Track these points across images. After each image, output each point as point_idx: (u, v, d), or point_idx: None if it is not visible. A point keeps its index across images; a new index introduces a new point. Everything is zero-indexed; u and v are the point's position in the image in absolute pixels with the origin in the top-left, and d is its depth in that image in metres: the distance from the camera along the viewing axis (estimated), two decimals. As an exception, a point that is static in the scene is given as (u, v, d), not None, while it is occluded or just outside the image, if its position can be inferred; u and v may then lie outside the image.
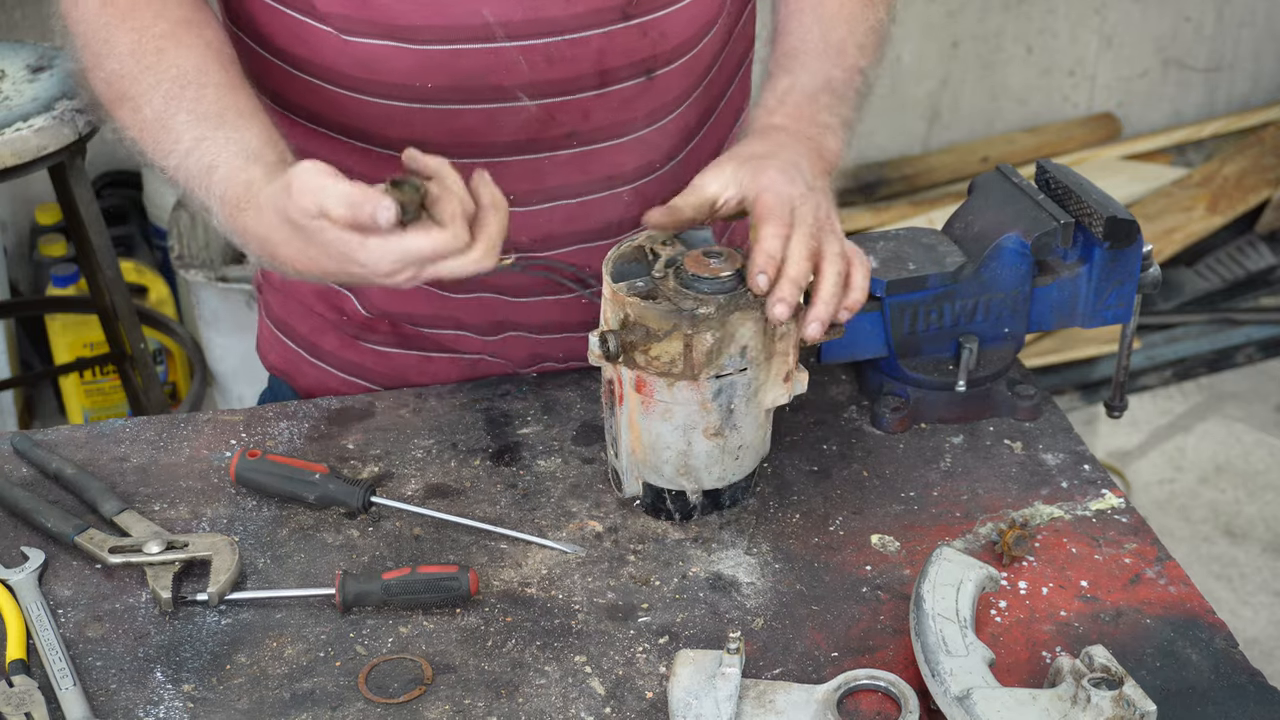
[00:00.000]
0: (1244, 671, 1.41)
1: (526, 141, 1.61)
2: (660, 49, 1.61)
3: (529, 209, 1.64)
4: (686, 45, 1.64)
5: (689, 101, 1.68)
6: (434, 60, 1.56)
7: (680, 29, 1.62)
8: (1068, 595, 1.48)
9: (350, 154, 1.64)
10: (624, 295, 1.45)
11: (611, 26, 1.57)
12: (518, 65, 1.56)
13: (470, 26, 1.54)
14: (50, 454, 1.61)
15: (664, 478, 1.53)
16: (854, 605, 1.47)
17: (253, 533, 1.54)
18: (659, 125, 1.66)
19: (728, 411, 1.48)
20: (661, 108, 1.65)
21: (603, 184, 1.66)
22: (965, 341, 1.64)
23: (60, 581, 1.48)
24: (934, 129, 4.45)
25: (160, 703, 1.36)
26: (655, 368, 1.45)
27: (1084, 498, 1.59)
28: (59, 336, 3.44)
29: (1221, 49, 4.59)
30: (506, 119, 1.59)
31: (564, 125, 1.61)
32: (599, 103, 1.61)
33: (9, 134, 2.47)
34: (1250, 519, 3.55)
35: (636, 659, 1.41)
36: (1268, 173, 4.34)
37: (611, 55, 1.59)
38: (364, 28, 1.55)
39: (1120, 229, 1.62)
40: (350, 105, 1.60)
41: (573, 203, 1.66)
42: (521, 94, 1.58)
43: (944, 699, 1.31)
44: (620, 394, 1.49)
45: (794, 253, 1.43)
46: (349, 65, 1.57)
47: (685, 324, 1.43)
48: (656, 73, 1.62)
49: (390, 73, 1.57)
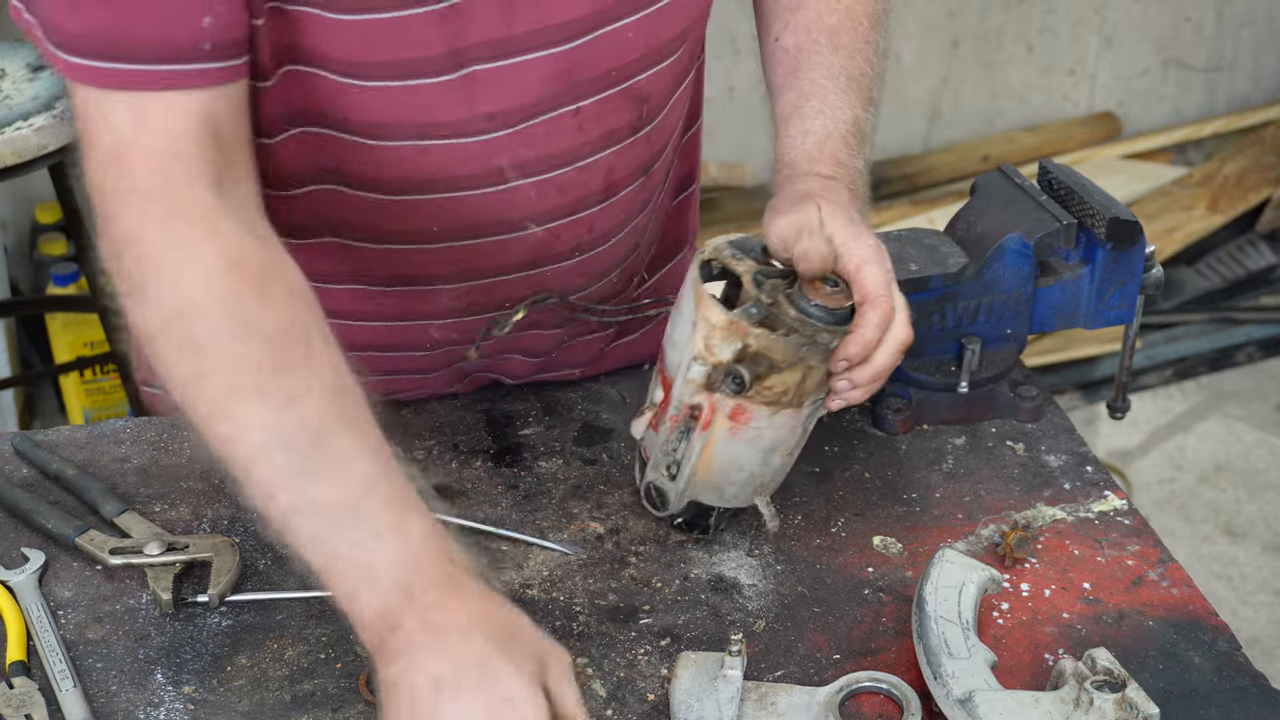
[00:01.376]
0: (1247, 674, 1.40)
1: (531, 261, 1.57)
2: (657, 148, 1.59)
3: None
4: (668, 114, 1.60)
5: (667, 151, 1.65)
6: (443, 207, 1.50)
7: (664, 98, 1.57)
8: (1070, 597, 1.48)
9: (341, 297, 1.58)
10: (747, 326, 1.37)
11: (622, 144, 1.53)
12: (528, 198, 1.52)
13: (485, 174, 1.48)
14: (51, 454, 1.60)
15: (723, 498, 1.49)
16: (856, 607, 1.47)
17: (253, 534, 1.53)
18: (648, 209, 1.65)
19: (806, 430, 1.47)
20: (654, 190, 1.64)
21: (598, 277, 1.64)
22: (967, 342, 1.64)
23: (61, 583, 1.48)
24: (934, 128, 4.45)
25: (161, 704, 1.36)
26: (764, 398, 1.39)
27: (1086, 499, 1.59)
28: (59, 336, 3.44)
29: (1221, 49, 4.59)
30: (514, 246, 1.55)
31: (569, 241, 1.57)
32: (604, 214, 1.57)
33: (9, 133, 2.46)
34: (1250, 519, 3.55)
35: (638, 661, 1.41)
36: (1268, 172, 4.34)
37: (619, 169, 1.55)
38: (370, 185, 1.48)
39: (1123, 230, 1.61)
40: (347, 253, 1.56)
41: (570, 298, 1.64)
42: (530, 223, 1.53)
43: (946, 701, 1.31)
44: (708, 420, 1.42)
45: (891, 345, 1.40)
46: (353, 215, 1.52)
47: (813, 357, 1.38)
48: (651, 169, 1.60)
49: (395, 221, 1.51)
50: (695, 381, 1.40)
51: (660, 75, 1.54)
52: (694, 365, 1.40)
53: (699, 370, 1.39)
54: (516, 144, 1.47)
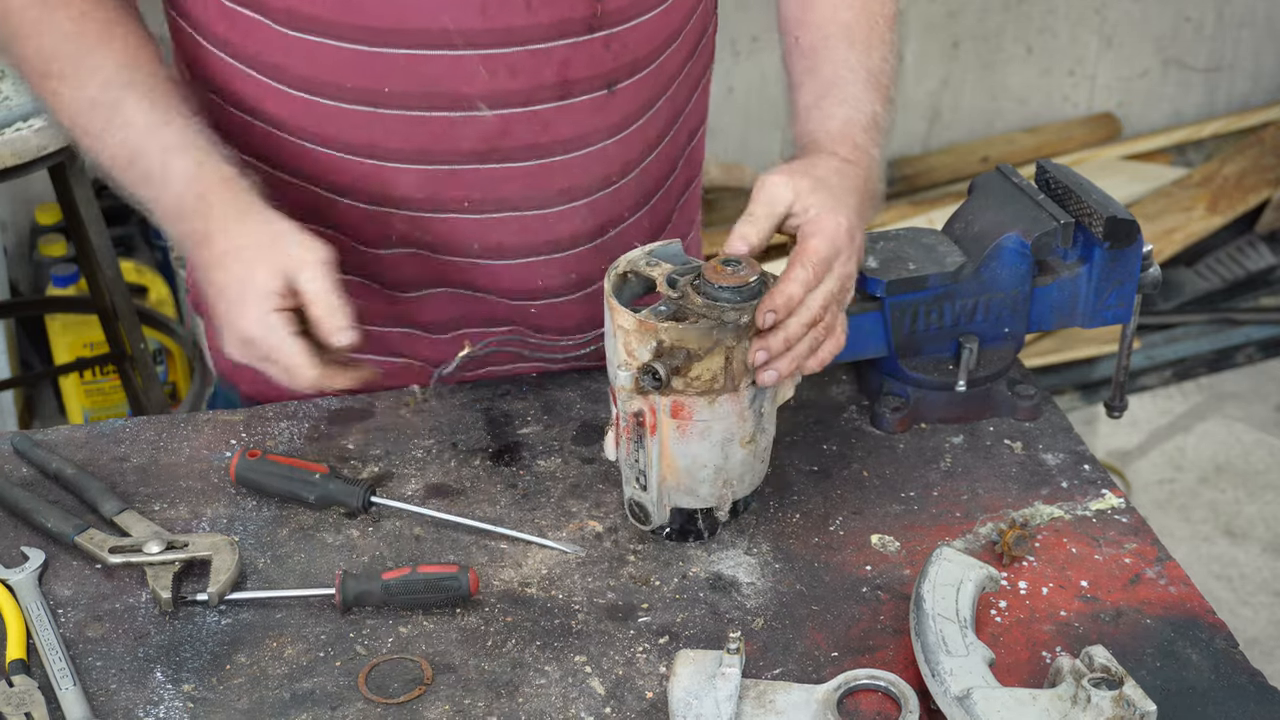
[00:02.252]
0: (1244, 672, 1.41)
1: (485, 151, 1.59)
2: (623, 61, 1.60)
3: (482, 217, 1.63)
4: (649, 58, 1.62)
5: (649, 115, 1.66)
6: (392, 64, 1.54)
7: (644, 42, 1.61)
8: (1068, 595, 1.48)
9: (304, 156, 1.62)
10: (655, 322, 1.42)
11: (576, 39, 1.56)
12: (478, 74, 1.55)
13: (429, 32, 1.52)
14: (50, 454, 1.61)
15: (699, 498, 1.50)
16: (854, 605, 1.47)
17: (253, 533, 1.54)
18: (619, 138, 1.64)
19: (759, 415, 1.47)
20: (622, 121, 1.64)
21: (559, 197, 1.64)
22: (965, 341, 1.64)
23: (60, 581, 1.48)
24: (934, 129, 4.45)
25: (160, 703, 1.36)
26: (696, 388, 1.42)
27: (1084, 498, 1.59)
28: (59, 336, 3.44)
29: (1221, 49, 4.59)
30: (465, 128, 1.58)
31: (523, 137, 1.59)
32: (560, 115, 1.59)
33: (9, 134, 2.46)
34: (1250, 519, 3.55)
35: (636, 659, 1.41)
36: (1268, 173, 4.34)
37: (574, 67, 1.57)
38: (318, 26, 1.53)
39: (1120, 229, 1.62)
40: (309, 108, 1.59)
41: (528, 215, 1.64)
42: (481, 103, 1.56)
43: (944, 699, 1.31)
44: (653, 424, 1.45)
45: (802, 314, 1.43)
46: (302, 66, 1.56)
47: (729, 337, 1.41)
48: (618, 86, 1.61)
49: (350, 76, 1.55)
50: (626, 388, 1.43)
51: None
52: (620, 373, 1.43)
53: (625, 376, 1.42)
54: (459, 3, 1.51)
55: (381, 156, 1.60)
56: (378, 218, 1.64)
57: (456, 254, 1.66)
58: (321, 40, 1.54)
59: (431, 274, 1.69)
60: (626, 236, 1.72)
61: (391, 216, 1.64)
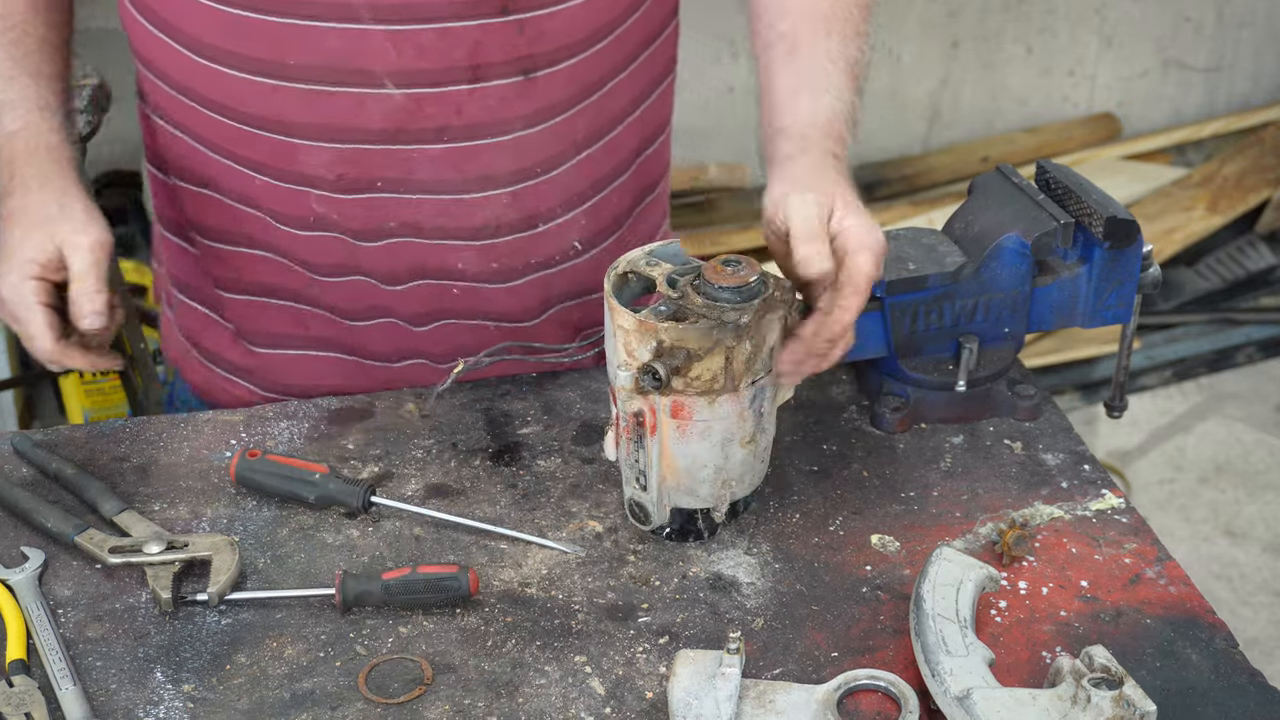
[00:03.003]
0: (1244, 672, 1.41)
1: (394, 131, 1.58)
2: (539, 49, 1.58)
3: (396, 196, 1.63)
4: (570, 49, 1.61)
5: (575, 110, 1.65)
6: (296, 35, 1.53)
7: (563, 32, 1.59)
8: (1068, 595, 1.48)
9: (212, 127, 1.63)
10: (655, 322, 1.41)
11: (486, 20, 1.54)
12: (385, 51, 1.54)
13: (334, 4, 1.52)
14: (50, 454, 1.61)
15: (699, 498, 1.50)
16: (854, 605, 1.47)
17: (253, 533, 1.54)
18: (539, 129, 1.63)
19: (759, 415, 1.47)
20: (541, 111, 1.62)
21: (478, 184, 1.64)
22: (965, 341, 1.64)
23: (60, 581, 1.48)
24: (934, 129, 4.45)
25: (160, 703, 1.36)
26: (696, 388, 1.42)
27: (1084, 498, 1.59)
28: (59, 336, 3.43)
29: (1221, 49, 4.59)
30: (372, 105, 1.57)
31: (434, 118, 1.58)
32: (472, 99, 1.58)
33: (9, 134, 2.46)
34: (1250, 519, 3.55)
35: (636, 659, 1.41)
36: (1268, 173, 4.34)
37: (486, 50, 1.56)
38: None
39: (1120, 229, 1.62)
40: (214, 76, 1.59)
41: (445, 198, 1.64)
42: (388, 81, 1.55)
43: (944, 699, 1.31)
44: (653, 424, 1.45)
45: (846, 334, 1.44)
46: (204, 32, 1.56)
47: (728, 337, 1.41)
48: (536, 74, 1.59)
49: (251, 45, 1.55)
50: (626, 388, 1.43)
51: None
52: (620, 373, 1.43)
53: (626, 376, 1.42)
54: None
55: (289, 132, 1.59)
56: (294, 196, 1.64)
57: (372, 237, 1.66)
58: (221, 7, 1.54)
59: (351, 256, 1.69)
60: (563, 234, 1.72)
61: (307, 196, 1.64)
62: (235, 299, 1.78)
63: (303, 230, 1.67)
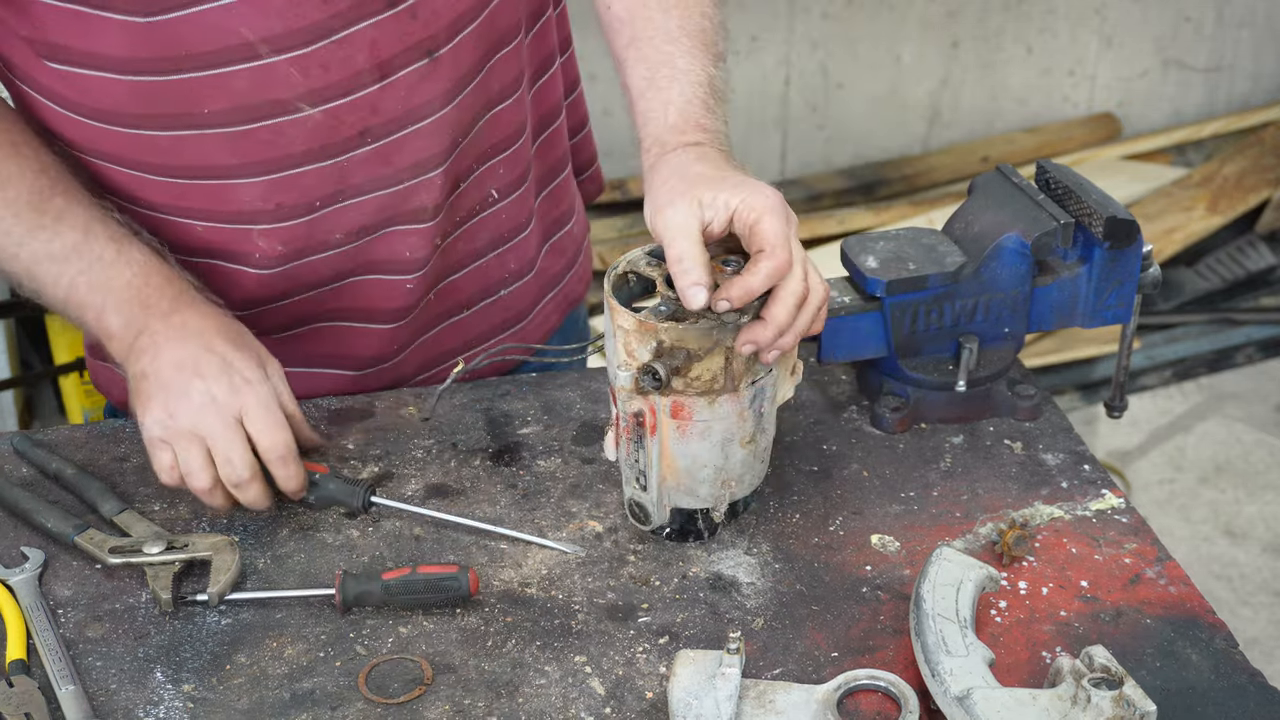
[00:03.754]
0: (1244, 671, 1.41)
1: (318, 149, 1.58)
2: (436, 28, 1.58)
3: (338, 206, 1.62)
4: (465, 19, 1.60)
5: (483, 73, 1.64)
6: (205, 85, 1.52)
7: (455, 3, 1.58)
8: (1068, 595, 1.48)
9: (139, 184, 1.61)
10: (655, 323, 1.41)
11: (378, 16, 1.54)
12: (291, 77, 1.53)
13: (232, 48, 1.51)
14: (50, 454, 1.61)
15: (698, 498, 1.50)
16: (854, 605, 1.47)
17: (253, 533, 1.54)
18: (454, 104, 1.62)
19: (759, 415, 1.47)
20: (453, 86, 1.62)
21: (410, 171, 1.63)
22: (965, 341, 1.64)
23: (60, 581, 1.48)
24: (934, 129, 4.45)
25: (160, 703, 1.36)
26: (696, 388, 1.42)
27: (1084, 498, 1.59)
28: (59, 336, 3.44)
29: (1221, 49, 4.59)
30: (291, 131, 1.56)
31: (353, 125, 1.58)
32: (384, 94, 1.57)
33: (9, 134, 2.46)
34: (1250, 519, 3.55)
35: (636, 659, 1.41)
36: (1268, 173, 4.34)
37: (385, 45, 1.55)
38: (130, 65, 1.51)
39: (1120, 229, 1.62)
40: (130, 140, 1.57)
41: (384, 194, 1.63)
42: (302, 104, 1.55)
43: (944, 699, 1.31)
44: (653, 424, 1.45)
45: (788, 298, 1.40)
46: (123, 103, 1.55)
47: (728, 337, 1.40)
48: (438, 53, 1.59)
49: (163, 104, 1.54)
50: (626, 388, 1.43)
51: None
52: (620, 373, 1.43)
53: (625, 376, 1.42)
54: (254, 13, 1.49)
55: (218, 175, 1.59)
56: (237, 235, 1.63)
57: (319, 250, 1.66)
58: (125, 77, 1.52)
59: (300, 275, 1.68)
60: (482, 184, 1.72)
61: (249, 232, 1.63)
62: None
63: (252, 269, 1.67)
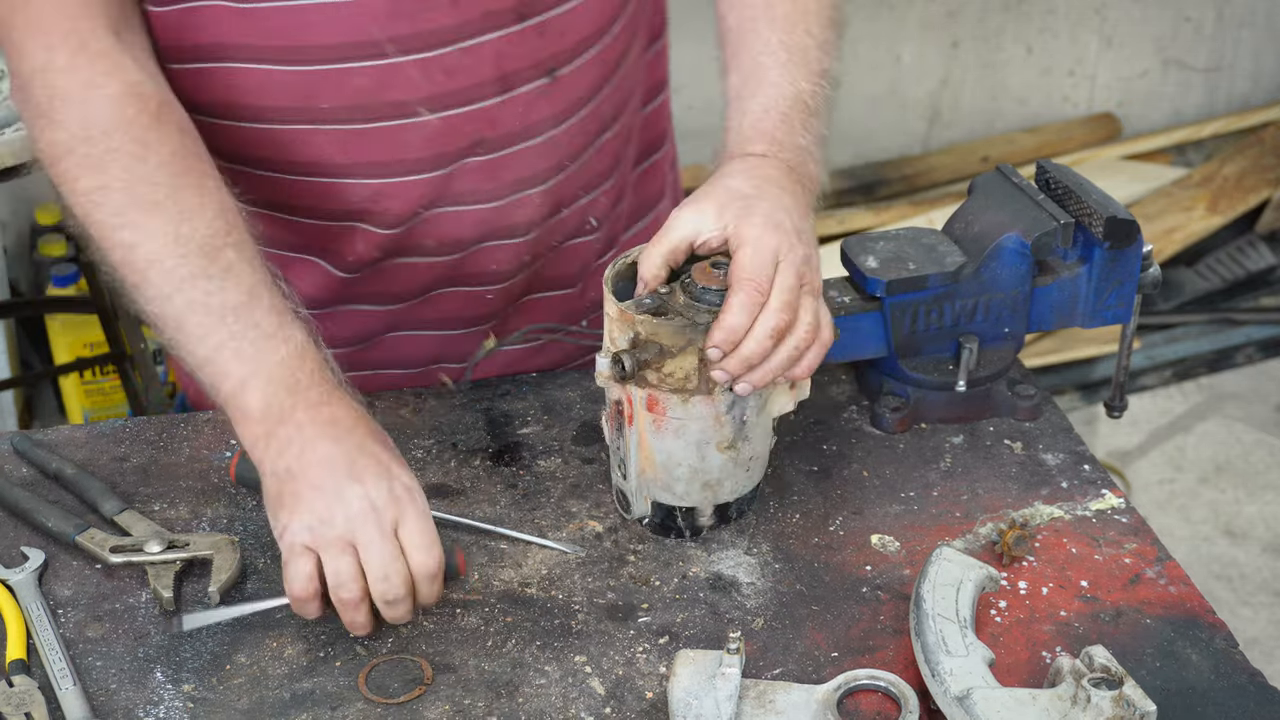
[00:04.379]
0: (1244, 671, 1.41)
1: (431, 156, 1.58)
2: (561, 47, 1.58)
3: (437, 212, 1.62)
4: (589, 41, 1.60)
5: (598, 98, 1.65)
6: (326, 79, 1.52)
7: (581, 25, 1.58)
8: (1068, 595, 1.48)
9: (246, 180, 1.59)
10: (633, 314, 1.42)
11: (506, 30, 1.53)
12: (414, 80, 1.53)
13: (359, 44, 1.50)
14: (50, 454, 1.61)
15: (675, 495, 1.51)
16: (854, 605, 1.47)
17: (253, 533, 1.54)
18: (567, 125, 1.63)
19: (740, 424, 1.47)
20: (569, 107, 1.62)
21: (511, 187, 1.63)
22: (965, 341, 1.64)
23: (60, 581, 1.48)
24: (934, 129, 4.45)
25: (160, 703, 1.36)
26: (669, 385, 1.43)
27: (1084, 498, 1.59)
28: (59, 336, 3.44)
29: (1221, 49, 4.59)
30: (407, 134, 1.56)
31: (468, 135, 1.57)
32: (503, 109, 1.57)
33: (9, 134, 2.47)
34: (1250, 519, 3.55)
35: (636, 659, 1.41)
36: (1268, 173, 4.34)
37: (510, 59, 1.55)
38: (246, 53, 1.51)
39: (1120, 229, 1.62)
40: (243, 134, 1.57)
41: (483, 208, 1.63)
42: (421, 109, 1.54)
43: (944, 699, 1.31)
44: (630, 414, 1.47)
45: (758, 330, 1.38)
46: (239, 95, 1.54)
47: (700, 338, 1.41)
48: (559, 72, 1.59)
49: (281, 97, 1.53)
50: (604, 374, 1.44)
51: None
52: (600, 358, 1.44)
53: (603, 363, 1.44)
54: (385, 10, 1.49)
55: (329, 173, 1.58)
56: (340, 233, 1.63)
57: (414, 254, 1.66)
58: (248, 66, 1.51)
59: (390, 276, 1.68)
60: (582, 215, 1.72)
61: (353, 230, 1.63)
62: None
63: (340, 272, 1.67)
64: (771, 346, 1.39)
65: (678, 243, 1.43)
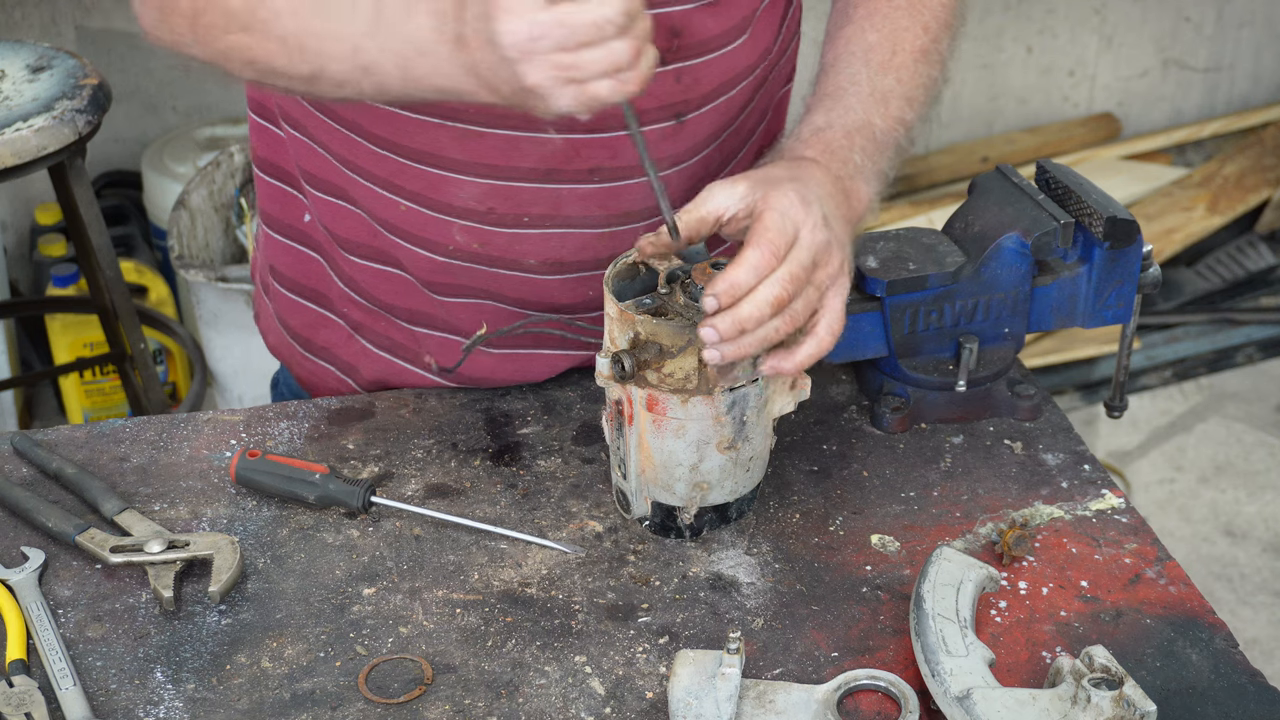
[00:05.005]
0: (1244, 671, 1.41)
1: (547, 171, 1.59)
2: (693, 95, 1.59)
3: (542, 231, 1.63)
4: (720, 91, 1.62)
5: (717, 143, 1.66)
6: None
7: (715, 76, 1.60)
8: (1068, 595, 1.48)
9: (359, 151, 1.62)
10: (633, 314, 1.43)
11: None
12: None
13: None
14: (50, 454, 1.61)
15: (675, 495, 1.51)
16: (854, 605, 1.47)
17: (253, 533, 1.54)
18: (683, 166, 1.64)
19: (740, 424, 1.48)
20: (689, 150, 1.63)
21: (619, 219, 1.64)
22: (965, 341, 1.64)
23: (60, 581, 1.48)
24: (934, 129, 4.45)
25: (160, 703, 1.36)
26: (669, 385, 1.44)
27: (1084, 498, 1.59)
28: (59, 336, 3.44)
29: (1221, 49, 4.59)
30: (529, 147, 1.57)
31: (588, 160, 1.59)
32: (628, 142, 1.57)
33: (9, 134, 2.47)
34: (1250, 519, 3.55)
35: (636, 659, 1.41)
36: (1268, 173, 4.34)
37: (644, 97, 1.50)
38: None
39: (1120, 229, 1.62)
40: (371, 110, 1.58)
41: (588, 233, 1.64)
42: (550, 127, 1.55)
43: (944, 699, 1.31)
44: (630, 414, 1.47)
45: (760, 294, 1.36)
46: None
47: (699, 339, 1.41)
48: (687, 116, 1.60)
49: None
50: (604, 374, 1.45)
51: (699, 17, 1.55)
52: (600, 358, 1.45)
53: (603, 363, 1.44)
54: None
55: (442, 166, 1.59)
56: (438, 225, 1.64)
57: (510, 267, 1.66)
58: None
59: (483, 284, 1.68)
60: None
61: (451, 226, 1.63)
62: (356, 301, 1.77)
63: (439, 255, 1.67)
64: (768, 316, 1.37)
65: (705, 214, 1.42)
